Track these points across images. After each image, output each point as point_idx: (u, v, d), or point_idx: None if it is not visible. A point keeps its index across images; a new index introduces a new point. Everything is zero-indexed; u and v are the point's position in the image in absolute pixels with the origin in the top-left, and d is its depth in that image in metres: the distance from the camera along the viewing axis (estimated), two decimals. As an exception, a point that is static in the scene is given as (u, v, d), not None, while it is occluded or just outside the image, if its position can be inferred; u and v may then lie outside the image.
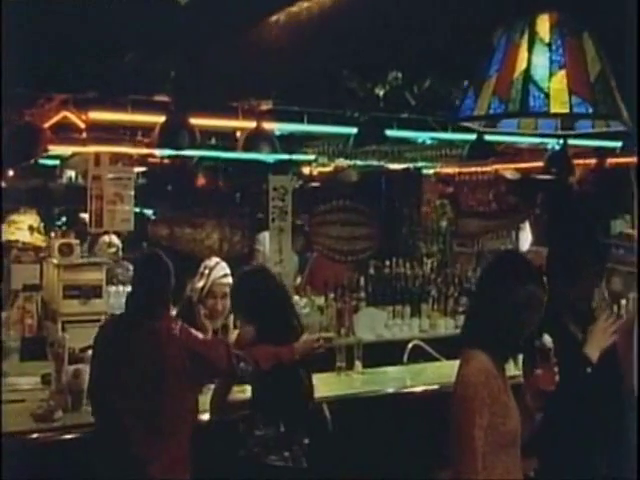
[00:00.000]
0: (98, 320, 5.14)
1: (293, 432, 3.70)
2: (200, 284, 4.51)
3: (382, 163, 6.87)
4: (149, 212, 7.22)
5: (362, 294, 6.22)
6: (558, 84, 2.23)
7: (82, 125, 4.50)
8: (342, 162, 6.80)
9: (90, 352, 4.24)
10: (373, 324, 6.07)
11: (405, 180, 7.61)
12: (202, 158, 7.13)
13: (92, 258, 5.47)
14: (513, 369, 2.90)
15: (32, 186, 7.20)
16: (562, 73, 2.25)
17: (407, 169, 7.38)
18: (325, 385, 4.36)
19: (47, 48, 4.15)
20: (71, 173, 7.90)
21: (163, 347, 3.38)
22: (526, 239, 8.40)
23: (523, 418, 2.73)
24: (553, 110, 2.23)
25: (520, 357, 3.02)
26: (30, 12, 3.82)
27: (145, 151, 5.74)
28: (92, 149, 5.35)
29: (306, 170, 7.63)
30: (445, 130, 5.33)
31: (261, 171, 6.66)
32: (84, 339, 4.57)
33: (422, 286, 6.39)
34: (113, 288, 5.63)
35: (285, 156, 6.47)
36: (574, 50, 2.28)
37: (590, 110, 2.24)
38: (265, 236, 7.04)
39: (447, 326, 6.31)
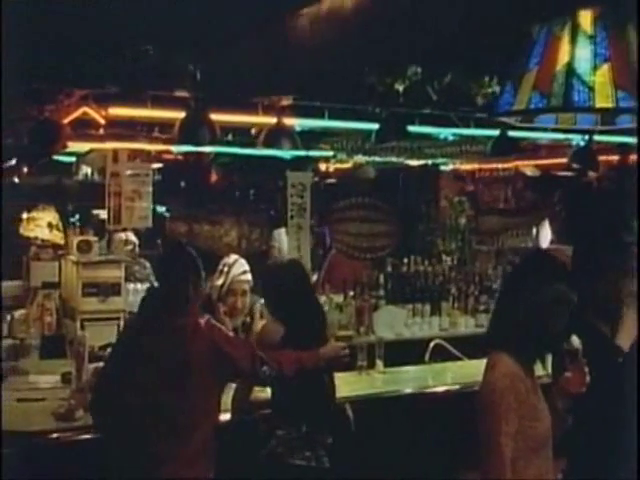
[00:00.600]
0: (117, 318, 5.13)
1: (315, 432, 3.67)
2: (219, 282, 4.49)
3: (401, 159, 6.81)
4: (165, 209, 7.17)
5: (381, 292, 6.16)
6: (602, 78, 2.17)
7: (102, 121, 4.47)
8: (360, 159, 6.74)
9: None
10: (393, 322, 6.01)
11: (423, 177, 7.55)
12: (218, 154, 7.09)
13: (110, 255, 5.44)
14: (541, 370, 2.85)
15: (47, 183, 7.18)
16: (606, 66, 2.19)
17: (426, 166, 7.32)
18: (346, 384, 4.32)
19: (66, 43, 4.13)
20: (87, 170, 7.88)
21: (188, 343, 3.29)
22: (546, 237, 8.33)
23: (553, 420, 2.69)
24: (598, 104, 2.18)
25: (549, 358, 2.98)
26: (50, 7, 3.81)
27: (164, 147, 5.70)
28: (110, 145, 5.32)
29: (322, 167, 7.57)
30: (467, 126, 5.27)
31: (278, 167, 6.61)
32: (103, 337, 4.57)
33: (442, 284, 6.32)
34: (131, 286, 5.59)
35: (302, 152, 6.42)
36: (619, 43, 2.22)
37: (635, 104, 2.18)
38: (280, 233, 7.00)
39: (467, 325, 6.24)
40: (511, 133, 5.21)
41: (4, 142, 5.44)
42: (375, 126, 5.08)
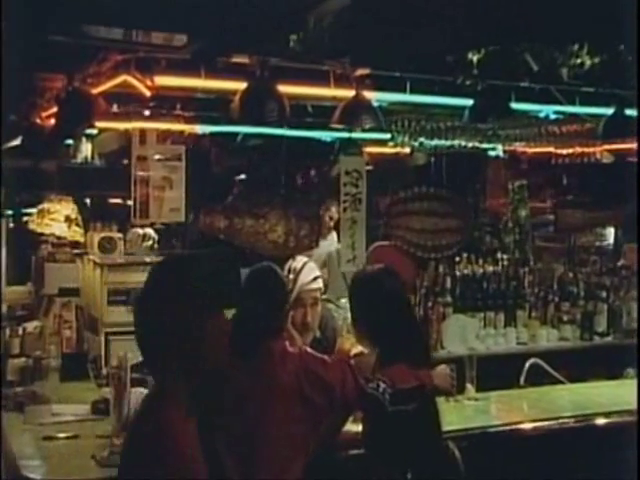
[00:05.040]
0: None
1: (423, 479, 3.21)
2: (286, 292, 3.97)
3: (468, 143, 6.30)
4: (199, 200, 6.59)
5: (448, 298, 5.65)
6: None
7: (147, 92, 3.89)
8: (420, 142, 6.23)
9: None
10: (464, 334, 5.51)
11: (489, 164, 7.05)
12: (248, 135, 6.54)
13: (137, 256, 4.87)
14: None
15: (52, 169, 6.57)
16: None
17: (488, 150, 6.82)
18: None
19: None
20: (87, 153, 7.31)
21: (279, 371, 3.04)
22: (610, 232, 7.90)
23: None
24: None
25: None
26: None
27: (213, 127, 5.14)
28: (140, 124, 4.75)
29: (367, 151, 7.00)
30: (572, 103, 4.75)
31: (326, 152, 6.09)
32: (133, 354, 4.04)
33: (516, 289, 5.81)
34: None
35: (345, 134, 5.88)
36: None
37: None
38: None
39: (549, 338, 5.75)
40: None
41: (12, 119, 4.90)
42: (463, 102, 4.53)
